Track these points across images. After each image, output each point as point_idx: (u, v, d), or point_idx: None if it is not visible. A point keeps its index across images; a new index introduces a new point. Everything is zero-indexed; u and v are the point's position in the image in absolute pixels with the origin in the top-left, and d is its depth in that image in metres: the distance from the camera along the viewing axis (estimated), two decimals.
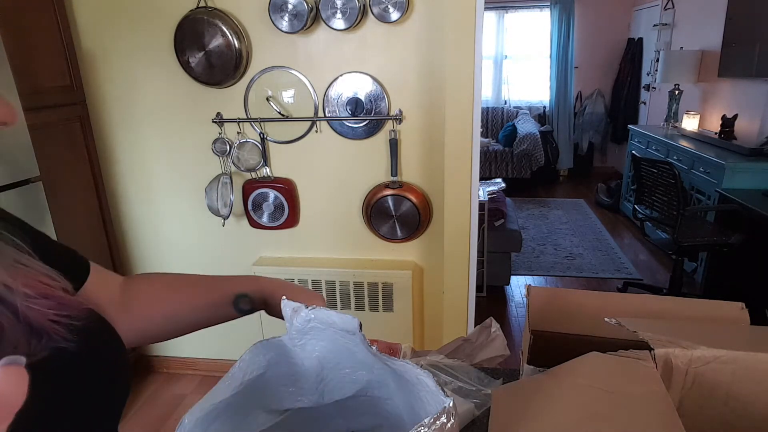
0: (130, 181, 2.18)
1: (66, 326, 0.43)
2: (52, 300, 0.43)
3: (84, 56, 2.01)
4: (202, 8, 1.84)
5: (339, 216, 2.07)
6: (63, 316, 0.43)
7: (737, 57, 3.38)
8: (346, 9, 1.71)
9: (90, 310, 0.49)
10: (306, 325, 0.54)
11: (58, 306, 0.43)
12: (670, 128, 4.12)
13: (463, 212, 1.84)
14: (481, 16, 1.62)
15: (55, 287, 0.46)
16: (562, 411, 0.50)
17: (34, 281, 0.43)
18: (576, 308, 0.73)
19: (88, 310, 0.48)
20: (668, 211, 2.70)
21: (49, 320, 0.41)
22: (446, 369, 0.88)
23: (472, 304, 1.99)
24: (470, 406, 0.79)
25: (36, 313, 0.40)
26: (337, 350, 0.54)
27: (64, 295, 0.46)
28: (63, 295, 0.45)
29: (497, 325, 0.98)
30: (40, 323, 0.40)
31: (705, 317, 0.69)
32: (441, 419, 0.40)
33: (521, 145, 5.36)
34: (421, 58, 1.81)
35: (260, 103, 1.96)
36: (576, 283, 3.40)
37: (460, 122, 1.73)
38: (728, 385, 0.55)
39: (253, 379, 0.53)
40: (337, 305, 2.08)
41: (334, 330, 0.53)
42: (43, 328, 0.41)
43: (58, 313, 0.43)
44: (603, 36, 5.92)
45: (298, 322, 0.54)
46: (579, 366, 0.56)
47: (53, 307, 0.43)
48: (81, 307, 0.47)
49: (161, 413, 2.17)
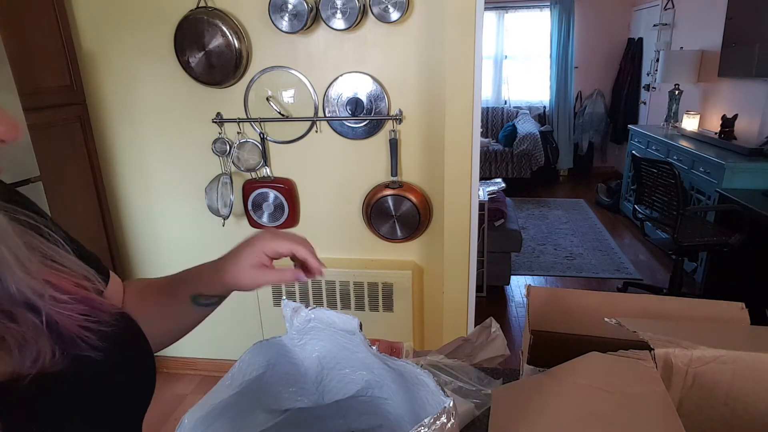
0: (130, 181, 2.18)
1: (96, 332, 0.42)
2: (85, 304, 0.42)
3: (84, 56, 2.01)
4: (202, 8, 1.84)
5: (339, 216, 2.07)
6: (94, 321, 0.42)
7: (737, 57, 3.38)
8: (346, 9, 1.71)
9: (123, 314, 0.48)
10: (306, 324, 0.54)
11: (90, 310, 0.42)
12: (670, 128, 4.12)
13: (463, 212, 1.84)
14: (481, 16, 1.62)
15: (90, 289, 0.45)
16: (562, 411, 0.50)
17: (69, 282, 0.42)
18: (576, 308, 0.73)
19: (120, 315, 0.47)
20: (668, 211, 2.70)
21: (80, 326, 0.40)
22: (446, 369, 0.88)
23: (472, 304, 1.99)
24: (470, 406, 0.79)
25: (67, 319, 0.39)
26: (337, 350, 0.55)
27: (97, 297, 0.45)
28: (96, 298, 0.44)
29: (497, 325, 0.98)
30: (70, 330, 0.39)
31: (705, 317, 0.69)
32: (441, 419, 0.40)
33: (521, 145, 5.36)
34: (421, 58, 1.81)
35: (260, 103, 1.95)
36: (576, 283, 3.40)
37: (460, 122, 1.73)
38: (728, 385, 0.55)
39: (253, 379, 0.53)
40: (337, 305, 2.08)
41: (334, 330, 0.53)
42: (73, 336, 0.40)
43: (90, 318, 0.42)
44: (603, 36, 5.92)
45: (298, 322, 0.54)
46: (579, 366, 0.56)
47: (86, 312, 0.42)
48: (114, 311, 0.46)
49: (161, 413, 2.17)
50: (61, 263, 0.43)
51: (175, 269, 0.68)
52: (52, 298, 0.39)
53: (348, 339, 0.53)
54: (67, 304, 0.40)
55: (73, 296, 0.41)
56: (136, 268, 2.32)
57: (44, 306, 0.38)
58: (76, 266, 0.45)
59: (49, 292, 0.39)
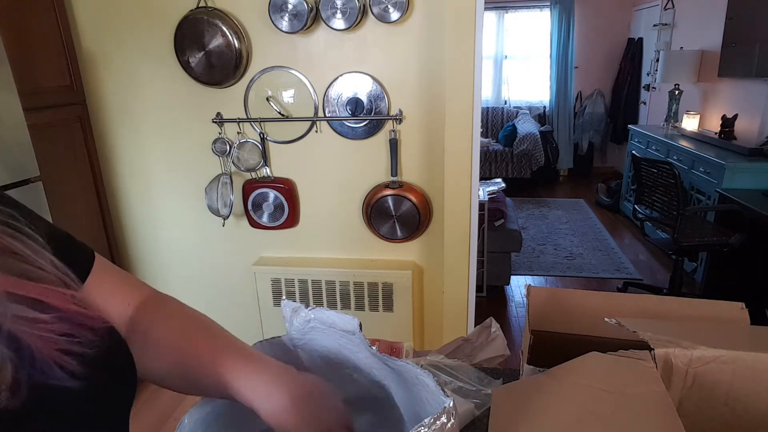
0: (130, 181, 2.18)
1: (78, 356, 0.35)
2: (65, 321, 0.35)
3: (84, 56, 2.01)
4: (202, 8, 1.84)
5: (339, 216, 2.07)
6: (75, 342, 0.35)
7: (737, 57, 3.38)
8: (346, 9, 1.71)
9: (110, 330, 0.41)
10: (306, 325, 0.54)
11: (73, 328, 0.35)
12: (670, 128, 4.12)
13: (463, 212, 1.84)
14: (481, 16, 1.62)
15: (69, 298, 0.37)
16: (562, 411, 0.50)
17: (47, 292, 0.35)
18: (576, 308, 0.73)
19: (107, 330, 0.40)
20: (668, 211, 2.70)
21: (58, 350, 0.33)
22: (446, 369, 0.88)
23: (472, 304, 1.99)
24: (470, 406, 0.79)
25: (43, 342, 0.32)
26: (337, 351, 0.55)
27: (79, 308, 0.37)
28: (78, 310, 0.37)
29: (497, 325, 0.98)
30: (45, 355, 0.33)
31: (705, 317, 0.69)
32: (441, 419, 0.40)
33: (521, 145, 5.35)
34: (421, 58, 1.81)
35: (260, 103, 1.95)
36: (576, 283, 3.40)
37: (460, 122, 1.73)
38: (728, 385, 0.55)
39: None
40: (337, 305, 2.08)
41: (334, 330, 0.53)
42: (48, 362, 0.33)
43: (71, 338, 0.35)
44: (603, 36, 5.92)
45: (298, 323, 0.54)
46: (579, 366, 0.56)
47: (66, 331, 0.34)
48: (99, 325, 0.39)
49: (161, 413, 2.16)
50: (41, 268, 0.36)
51: (175, 269, 0.67)
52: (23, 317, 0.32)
53: (348, 339, 0.53)
54: (45, 323, 0.33)
55: (55, 314, 0.34)
56: (136, 268, 2.32)
57: (13, 329, 0.31)
58: (51, 268, 0.38)
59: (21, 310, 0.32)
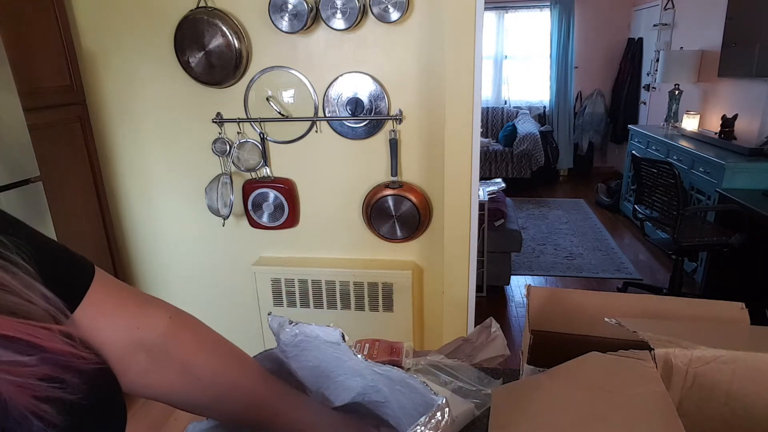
0: (130, 181, 2.18)
1: (57, 403, 0.31)
2: (48, 363, 0.31)
3: (84, 56, 2.01)
4: (202, 8, 1.84)
5: (339, 216, 2.07)
6: (56, 387, 0.31)
7: (737, 57, 3.38)
8: (346, 9, 1.71)
9: (99, 371, 0.37)
10: (293, 339, 0.54)
11: (54, 370, 0.32)
12: (670, 128, 4.12)
13: (463, 212, 1.84)
14: (481, 16, 1.62)
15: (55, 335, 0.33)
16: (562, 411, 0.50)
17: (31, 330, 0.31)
18: (576, 308, 0.73)
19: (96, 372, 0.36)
20: (668, 211, 2.70)
21: (35, 397, 0.30)
22: (446, 369, 0.88)
23: (472, 304, 1.99)
24: (470, 406, 0.79)
25: (18, 390, 0.29)
26: (328, 360, 0.55)
27: (65, 347, 0.34)
28: (64, 349, 0.33)
29: (497, 325, 0.98)
30: (19, 404, 0.29)
31: (705, 317, 0.69)
32: (436, 416, 0.40)
33: (521, 145, 5.36)
34: (421, 58, 1.81)
35: (260, 103, 1.96)
36: (576, 283, 3.40)
37: (460, 122, 1.73)
38: (728, 385, 0.55)
39: None
40: (337, 305, 2.08)
41: (321, 341, 0.53)
42: (22, 413, 0.29)
43: (52, 383, 0.31)
44: (603, 36, 5.92)
45: (285, 337, 0.54)
46: (579, 366, 0.56)
47: (47, 374, 0.31)
48: (88, 366, 0.35)
49: (161, 413, 2.17)
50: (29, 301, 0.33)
51: (176, 269, 0.67)
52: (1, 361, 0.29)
53: (335, 348, 0.53)
54: (23, 367, 0.30)
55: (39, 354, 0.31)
56: (137, 268, 2.32)
57: None
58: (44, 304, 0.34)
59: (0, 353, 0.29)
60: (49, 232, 1.68)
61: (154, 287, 2.32)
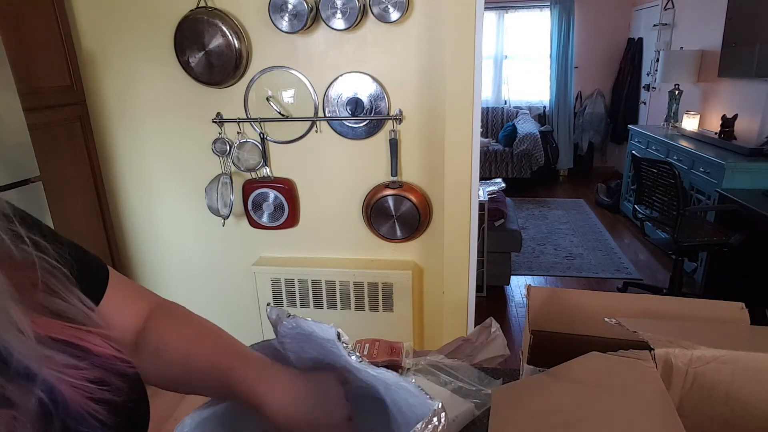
0: (130, 181, 2.18)
1: (107, 404, 0.32)
2: (99, 367, 0.32)
3: (84, 56, 2.01)
4: (202, 8, 1.84)
5: (339, 216, 2.07)
6: (105, 389, 0.32)
7: (737, 57, 3.38)
8: (346, 9, 1.71)
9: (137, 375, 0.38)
10: (291, 331, 0.54)
11: (104, 375, 0.32)
12: (670, 128, 4.12)
13: (463, 212, 1.84)
14: (481, 16, 1.62)
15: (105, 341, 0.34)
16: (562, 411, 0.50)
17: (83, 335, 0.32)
18: (576, 308, 0.73)
19: (135, 376, 0.37)
20: (668, 211, 2.70)
21: (90, 398, 0.31)
22: (446, 369, 0.88)
23: (472, 304, 1.99)
24: (470, 406, 0.79)
25: (74, 390, 0.30)
26: (326, 354, 0.55)
27: (114, 353, 0.34)
28: (113, 354, 0.34)
29: (497, 325, 0.98)
30: (76, 404, 0.30)
31: (705, 317, 0.69)
32: (432, 421, 0.40)
33: (521, 145, 5.36)
34: (421, 58, 1.81)
35: (260, 103, 1.95)
36: (576, 283, 3.40)
37: (460, 122, 1.73)
38: (728, 385, 0.55)
39: None
40: (337, 305, 2.08)
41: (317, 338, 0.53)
42: (80, 411, 0.30)
43: (102, 386, 0.32)
44: (603, 36, 5.92)
45: (282, 329, 0.54)
46: (579, 366, 0.56)
47: (98, 378, 0.32)
48: (130, 371, 0.36)
49: (161, 413, 2.16)
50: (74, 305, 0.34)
51: (175, 269, 0.67)
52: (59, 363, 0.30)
53: (332, 344, 0.53)
54: (77, 370, 0.31)
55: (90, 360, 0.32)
56: (137, 268, 2.32)
57: (48, 376, 0.29)
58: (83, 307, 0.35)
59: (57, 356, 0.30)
60: None
61: (154, 287, 2.33)
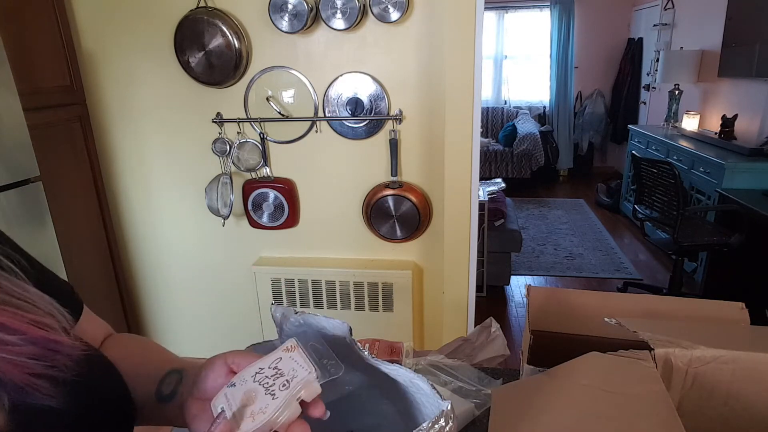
0: (130, 181, 2.18)
1: (51, 379, 0.37)
2: (37, 345, 0.37)
3: (84, 56, 2.01)
4: (202, 8, 1.84)
5: (339, 216, 2.07)
6: (49, 366, 0.37)
7: (737, 57, 3.37)
8: (346, 9, 1.71)
9: (91, 356, 0.43)
10: (297, 330, 0.54)
11: (43, 353, 0.37)
12: (670, 128, 4.12)
13: (463, 212, 1.84)
14: (481, 16, 1.62)
15: (54, 327, 0.39)
16: (562, 411, 0.50)
17: (21, 320, 0.37)
18: (576, 308, 0.73)
19: (87, 357, 0.42)
20: (668, 211, 2.70)
21: (29, 374, 0.35)
22: (446, 369, 0.88)
23: (472, 304, 1.99)
24: (470, 406, 0.79)
25: (12, 366, 0.34)
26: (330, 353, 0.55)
27: (55, 337, 0.39)
28: (54, 338, 0.39)
29: (497, 325, 0.98)
30: (15, 379, 0.35)
31: (705, 317, 0.69)
32: (440, 422, 0.40)
33: (521, 145, 5.35)
34: (421, 58, 1.81)
35: (260, 103, 1.95)
36: (576, 283, 3.39)
37: (460, 122, 1.73)
38: (728, 385, 0.55)
39: None
40: (337, 305, 2.08)
41: (325, 333, 0.53)
42: (21, 386, 0.35)
43: (45, 363, 0.37)
44: (603, 36, 5.92)
45: (288, 328, 0.54)
46: (579, 366, 0.56)
47: (39, 356, 0.36)
48: (77, 353, 0.40)
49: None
50: (16, 296, 0.38)
51: (175, 269, 0.67)
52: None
53: (339, 341, 0.53)
54: (13, 346, 0.35)
55: (23, 336, 0.36)
56: (136, 268, 2.32)
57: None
58: (36, 300, 0.39)
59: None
60: (49, 232, 1.67)
61: (154, 287, 2.33)
